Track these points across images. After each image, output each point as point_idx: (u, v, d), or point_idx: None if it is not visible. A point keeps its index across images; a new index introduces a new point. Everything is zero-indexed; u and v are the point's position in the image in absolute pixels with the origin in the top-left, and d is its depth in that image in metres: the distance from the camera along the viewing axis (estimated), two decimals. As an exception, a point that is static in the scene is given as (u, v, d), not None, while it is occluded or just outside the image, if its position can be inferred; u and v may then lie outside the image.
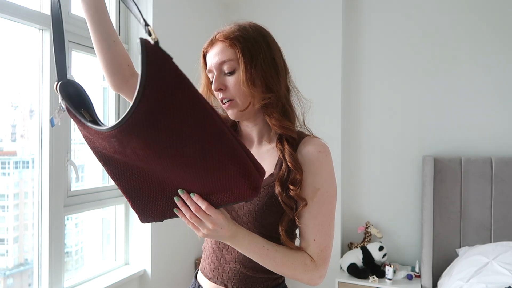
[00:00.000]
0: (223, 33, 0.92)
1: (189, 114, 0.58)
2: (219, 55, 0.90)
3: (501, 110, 2.42)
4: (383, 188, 2.69)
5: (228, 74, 0.89)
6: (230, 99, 0.89)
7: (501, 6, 2.42)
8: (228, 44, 0.89)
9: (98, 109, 2.09)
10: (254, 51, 0.88)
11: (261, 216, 0.88)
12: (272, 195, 0.87)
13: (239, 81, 0.87)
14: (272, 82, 0.89)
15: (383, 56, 2.69)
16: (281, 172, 0.87)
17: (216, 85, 0.89)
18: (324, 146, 0.92)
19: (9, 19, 1.53)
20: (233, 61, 0.88)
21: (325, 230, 0.87)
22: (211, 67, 0.91)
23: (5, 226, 1.71)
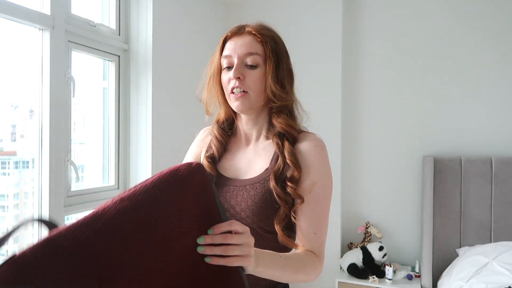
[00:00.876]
0: (254, 27, 0.93)
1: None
2: (247, 46, 0.91)
3: (501, 110, 2.42)
4: (383, 188, 2.69)
5: (250, 66, 0.91)
6: (245, 90, 0.90)
7: (502, 6, 2.42)
8: (259, 39, 0.92)
9: (98, 109, 2.09)
10: (280, 55, 0.94)
11: (258, 211, 0.88)
12: (268, 189, 0.89)
13: (260, 78, 0.90)
14: (288, 86, 0.94)
15: (383, 56, 2.69)
16: (276, 167, 0.89)
17: (236, 73, 0.90)
18: (319, 141, 0.95)
19: (9, 19, 1.53)
20: (260, 56, 0.91)
21: (323, 224, 0.90)
22: (232, 53, 0.92)
23: (5, 226, 1.71)
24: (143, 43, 2.11)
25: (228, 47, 0.94)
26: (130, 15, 2.14)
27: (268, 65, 0.91)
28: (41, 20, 1.61)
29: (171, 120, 2.28)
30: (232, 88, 0.91)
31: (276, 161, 0.91)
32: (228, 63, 0.93)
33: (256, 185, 0.90)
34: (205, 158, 0.98)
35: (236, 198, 0.91)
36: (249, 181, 0.92)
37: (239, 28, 0.95)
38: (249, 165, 0.96)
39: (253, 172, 0.94)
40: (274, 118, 0.94)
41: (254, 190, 0.90)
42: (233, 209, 0.91)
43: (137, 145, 2.13)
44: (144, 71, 2.11)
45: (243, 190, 0.91)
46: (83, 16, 1.86)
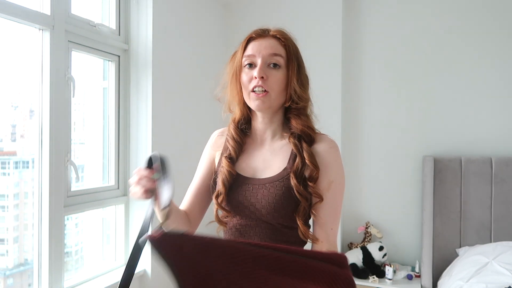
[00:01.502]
0: (278, 31, 0.99)
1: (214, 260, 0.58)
2: (272, 47, 0.96)
3: (501, 110, 2.42)
4: (383, 188, 2.69)
5: (273, 66, 0.95)
6: (266, 90, 0.94)
7: (503, 6, 2.42)
8: (282, 43, 0.98)
9: (98, 109, 2.10)
10: (301, 60, 1.02)
11: (279, 207, 0.93)
12: (288, 186, 0.93)
13: (282, 79, 0.96)
14: (306, 89, 1.01)
15: (383, 56, 2.69)
16: (295, 166, 0.94)
17: (260, 72, 0.93)
18: (334, 142, 1.01)
19: (9, 19, 1.53)
20: (282, 58, 0.97)
21: (338, 219, 0.97)
22: (256, 53, 0.96)
23: (5, 226, 1.71)
24: (143, 43, 2.11)
25: (252, 47, 0.97)
26: (130, 15, 2.14)
27: (291, 67, 0.97)
28: (41, 20, 1.61)
29: (171, 120, 2.28)
30: (254, 87, 0.94)
31: (294, 161, 0.96)
32: (251, 61, 0.96)
33: (276, 183, 0.95)
34: (225, 158, 1.00)
35: (256, 196, 0.95)
36: (268, 180, 0.96)
37: (263, 31, 0.99)
38: (266, 164, 1.00)
39: (271, 171, 0.98)
40: (294, 119, 0.98)
41: (274, 188, 0.94)
42: (253, 206, 0.95)
43: (137, 145, 2.13)
44: (144, 71, 2.11)
45: (263, 188, 0.95)
46: (83, 16, 1.86)
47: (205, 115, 2.53)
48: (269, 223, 0.95)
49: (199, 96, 2.54)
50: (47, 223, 1.65)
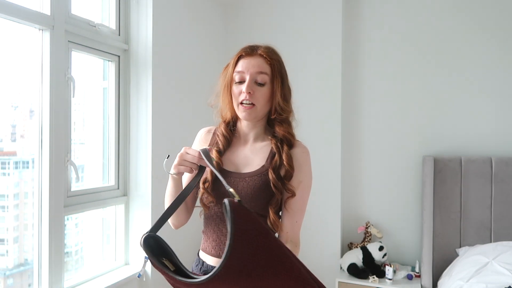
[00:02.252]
0: (264, 50, 1.12)
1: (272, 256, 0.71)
2: (259, 66, 1.09)
3: (501, 110, 2.42)
4: (383, 188, 2.69)
5: (259, 84, 1.09)
6: (253, 103, 1.09)
7: (502, 7, 2.42)
8: (268, 62, 1.10)
9: (98, 109, 2.10)
10: (284, 75, 1.14)
11: (256, 198, 1.09)
12: (264, 181, 1.09)
13: (266, 94, 1.10)
14: (289, 101, 1.15)
15: (383, 55, 2.69)
16: (274, 163, 1.10)
17: (248, 88, 1.08)
18: (306, 148, 1.16)
19: (9, 19, 1.53)
20: (267, 76, 1.10)
21: (302, 214, 1.13)
22: (245, 71, 1.09)
23: (5, 226, 1.71)
24: (143, 43, 2.11)
25: (241, 65, 1.10)
26: (130, 15, 2.14)
27: (276, 83, 1.10)
28: (41, 20, 1.61)
29: (171, 120, 2.28)
30: (242, 100, 1.09)
31: (272, 159, 1.11)
32: (240, 78, 1.10)
33: (255, 178, 1.10)
34: (215, 151, 1.15)
35: (237, 187, 1.10)
36: (248, 174, 1.11)
37: (252, 49, 1.12)
38: (247, 161, 1.15)
39: (251, 167, 1.13)
40: (277, 126, 1.14)
41: (253, 181, 1.09)
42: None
43: (137, 145, 2.13)
44: (144, 71, 2.11)
45: (243, 181, 1.10)
46: (83, 16, 1.86)
47: (205, 115, 2.53)
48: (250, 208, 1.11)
49: (199, 96, 2.54)
50: (47, 223, 1.65)
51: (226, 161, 1.15)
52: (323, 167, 2.61)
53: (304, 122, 1.18)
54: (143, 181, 2.11)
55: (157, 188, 2.10)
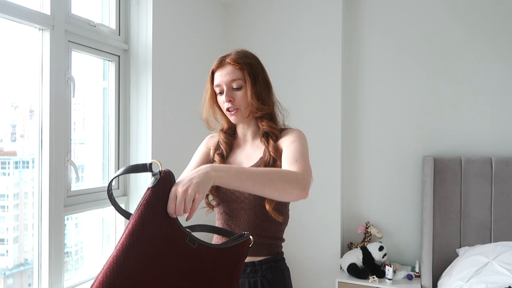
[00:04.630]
0: (232, 58, 1.18)
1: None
2: (230, 74, 1.16)
3: (501, 110, 2.42)
4: (383, 188, 2.69)
5: (236, 89, 1.17)
6: (236, 108, 1.18)
7: (502, 7, 2.42)
8: (238, 67, 1.16)
9: (98, 109, 2.10)
10: (256, 74, 1.19)
11: None
12: None
13: (245, 95, 1.17)
14: (266, 97, 1.21)
15: (383, 55, 2.69)
16: (266, 158, 1.17)
17: (227, 97, 1.16)
18: (299, 130, 1.21)
19: (9, 19, 1.53)
20: (241, 80, 1.17)
21: (303, 157, 1.08)
22: (221, 82, 1.17)
23: (5, 226, 1.71)
24: (143, 43, 2.11)
25: (216, 77, 1.19)
26: (130, 15, 2.14)
27: (248, 85, 1.16)
28: (41, 20, 1.61)
29: (171, 120, 2.28)
30: (227, 108, 1.18)
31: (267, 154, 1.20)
32: (220, 89, 1.19)
33: None
34: (217, 155, 1.24)
35: None
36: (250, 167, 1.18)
37: (220, 61, 1.19)
38: (248, 157, 1.23)
39: (252, 161, 1.21)
40: (259, 123, 1.22)
41: None
42: (238, 191, 1.15)
43: (137, 145, 2.13)
44: (144, 71, 2.11)
45: None
46: (83, 16, 1.86)
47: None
48: (251, 205, 1.15)
49: (199, 96, 2.54)
50: (47, 223, 1.65)
51: (231, 161, 1.24)
52: (323, 167, 2.61)
53: (304, 122, 1.19)
54: (143, 181, 2.11)
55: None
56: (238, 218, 1.17)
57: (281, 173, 0.95)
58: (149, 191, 0.77)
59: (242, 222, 1.16)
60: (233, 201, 1.18)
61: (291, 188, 0.93)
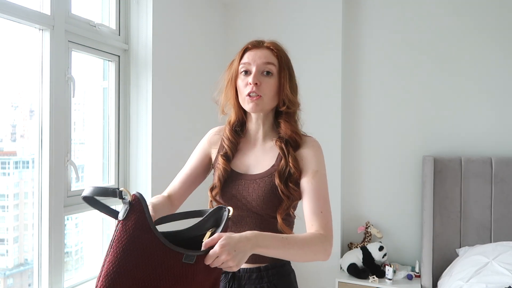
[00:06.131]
0: (271, 43, 1.12)
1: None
2: (266, 57, 1.08)
3: (501, 110, 2.42)
4: (383, 188, 2.69)
5: (266, 74, 1.07)
6: (259, 95, 1.06)
7: (502, 6, 2.42)
8: (275, 54, 1.10)
9: (98, 109, 2.09)
10: (291, 69, 1.13)
11: (267, 200, 1.06)
12: (274, 183, 1.06)
13: (273, 85, 1.08)
14: (296, 95, 1.13)
15: (383, 55, 2.69)
16: (280, 167, 1.07)
17: (254, 78, 1.05)
18: (316, 142, 1.14)
19: (9, 19, 1.53)
20: (275, 67, 1.08)
21: (327, 205, 1.04)
22: (252, 61, 1.08)
23: (5, 226, 1.71)
24: (143, 43, 2.11)
25: (248, 56, 1.09)
26: (130, 15, 2.14)
27: (283, 75, 1.08)
28: (41, 20, 1.61)
29: (171, 120, 2.28)
30: (250, 92, 1.06)
31: (281, 160, 1.08)
32: (247, 69, 1.08)
33: (265, 179, 1.08)
34: (220, 157, 1.13)
35: (248, 189, 1.08)
36: (258, 176, 1.09)
37: (258, 42, 1.12)
38: (258, 162, 1.13)
39: (262, 168, 1.11)
40: (283, 124, 1.10)
41: (264, 183, 1.07)
42: (245, 199, 1.08)
43: (137, 145, 2.13)
44: (144, 71, 2.11)
45: (254, 183, 1.08)
46: (83, 16, 1.86)
47: (205, 115, 2.53)
48: (258, 214, 1.08)
49: (199, 96, 2.54)
50: (47, 223, 1.65)
51: (237, 163, 1.14)
52: (323, 167, 2.61)
53: (304, 122, 1.18)
54: (143, 181, 2.11)
55: (157, 188, 2.10)
56: (243, 225, 1.09)
57: (311, 246, 0.94)
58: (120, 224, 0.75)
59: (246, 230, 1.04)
60: (238, 208, 1.09)
61: (317, 257, 0.95)
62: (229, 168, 1.11)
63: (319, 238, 0.96)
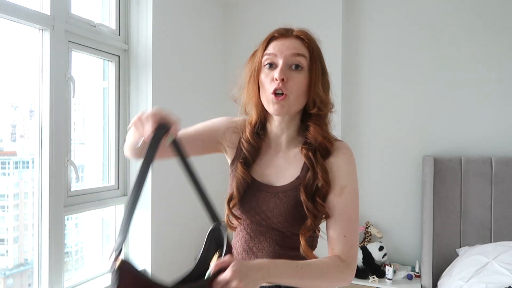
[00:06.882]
0: (301, 31, 0.94)
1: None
2: (295, 48, 0.91)
3: (501, 110, 2.42)
4: (383, 188, 2.69)
5: (295, 68, 0.90)
6: (285, 93, 0.89)
7: (502, 6, 2.42)
8: (306, 44, 0.92)
9: (98, 109, 2.09)
10: (323, 63, 0.97)
11: (290, 217, 0.92)
12: (299, 197, 0.91)
13: (302, 82, 0.90)
14: (328, 94, 0.96)
15: (383, 55, 2.69)
16: (307, 180, 0.91)
17: (281, 73, 0.88)
18: (349, 149, 0.96)
19: (9, 19, 1.53)
20: (305, 59, 0.91)
21: (353, 227, 0.90)
22: (278, 52, 0.91)
23: (5, 226, 1.71)
24: (143, 43, 2.11)
25: (273, 47, 0.92)
26: (130, 15, 2.14)
27: (315, 70, 0.91)
28: (41, 20, 1.61)
29: (171, 120, 2.28)
30: (274, 90, 0.89)
31: (307, 172, 0.92)
32: (272, 61, 0.91)
33: (288, 193, 0.93)
34: (240, 164, 0.96)
35: (268, 204, 0.93)
36: (281, 188, 0.94)
37: (287, 30, 0.94)
38: (280, 172, 0.96)
39: (285, 180, 0.95)
40: (314, 128, 0.93)
41: (287, 197, 0.92)
42: (264, 214, 0.94)
43: (137, 145, 2.13)
44: (144, 71, 2.11)
45: (275, 197, 0.93)
46: (83, 16, 1.86)
47: (205, 115, 2.53)
48: (279, 230, 0.94)
49: (199, 96, 2.54)
50: (47, 223, 1.65)
51: (257, 169, 0.97)
52: (323, 167, 2.61)
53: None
54: (143, 181, 2.11)
55: (157, 188, 2.10)
56: (261, 241, 0.95)
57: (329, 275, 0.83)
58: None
59: (265, 247, 0.95)
60: (257, 222, 0.96)
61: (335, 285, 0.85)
62: (250, 179, 0.95)
63: (339, 267, 0.85)
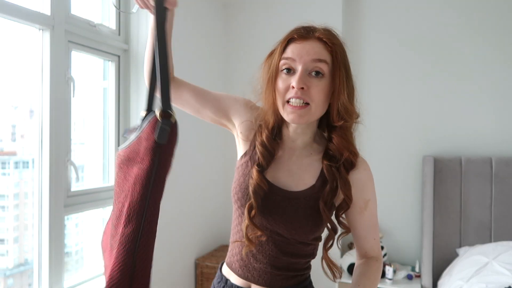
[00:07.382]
0: (324, 33, 0.85)
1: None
2: (316, 52, 0.83)
3: (501, 110, 2.42)
4: (383, 188, 2.69)
5: (315, 75, 0.83)
6: (307, 102, 0.82)
7: (502, 6, 2.42)
8: (329, 48, 0.84)
9: (98, 109, 2.09)
10: (348, 67, 0.89)
11: (298, 226, 0.89)
12: (313, 206, 0.88)
13: (324, 89, 0.83)
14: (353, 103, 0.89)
15: (383, 55, 2.69)
16: (326, 194, 0.88)
17: (300, 82, 0.81)
18: (366, 162, 0.98)
19: (9, 19, 1.53)
20: (327, 65, 0.84)
21: (377, 228, 1.02)
22: (297, 58, 0.83)
23: (5, 226, 1.71)
24: (143, 43, 2.11)
25: (292, 50, 0.85)
26: (130, 15, 2.14)
27: (338, 77, 0.84)
28: (41, 20, 1.61)
29: (171, 120, 2.28)
30: (290, 98, 0.83)
31: (323, 180, 0.90)
32: (290, 66, 0.85)
33: (301, 200, 0.89)
34: (256, 170, 0.90)
35: (278, 208, 0.89)
36: (293, 194, 0.90)
37: (308, 31, 0.86)
38: (292, 177, 0.92)
39: (297, 186, 0.91)
40: (338, 139, 0.88)
41: (298, 205, 0.89)
42: (271, 217, 0.90)
43: (137, 145, 2.13)
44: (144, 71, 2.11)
45: (287, 201, 0.89)
46: (83, 16, 1.86)
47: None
48: (283, 236, 0.91)
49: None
50: (47, 223, 1.65)
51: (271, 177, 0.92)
52: (323, 167, 2.61)
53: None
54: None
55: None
56: (262, 244, 0.91)
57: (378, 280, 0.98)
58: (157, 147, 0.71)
59: (266, 250, 0.91)
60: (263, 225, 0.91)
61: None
62: (266, 187, 0.88)
63: (378, 268, 0.98)
